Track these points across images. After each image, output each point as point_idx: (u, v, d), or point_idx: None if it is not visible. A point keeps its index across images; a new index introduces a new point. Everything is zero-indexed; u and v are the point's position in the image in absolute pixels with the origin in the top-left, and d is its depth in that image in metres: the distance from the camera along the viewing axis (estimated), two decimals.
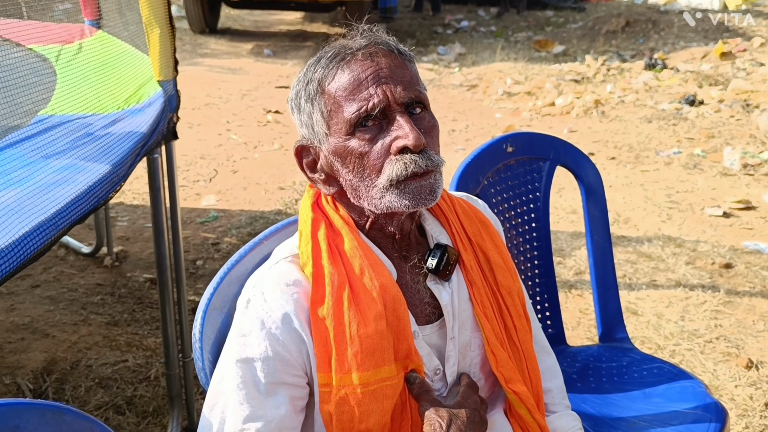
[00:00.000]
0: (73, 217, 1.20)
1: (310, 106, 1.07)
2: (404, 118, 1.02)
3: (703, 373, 2.64)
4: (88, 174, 1.31)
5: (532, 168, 1.77)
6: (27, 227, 1.09)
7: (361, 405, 1.01)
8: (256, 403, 1.00)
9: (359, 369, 1.00)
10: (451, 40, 9.60)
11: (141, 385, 2.50)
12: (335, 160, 1.06)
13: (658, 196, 4.39)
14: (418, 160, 1.01)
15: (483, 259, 1.18)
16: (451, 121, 6.16)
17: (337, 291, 1.02)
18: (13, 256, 1.04)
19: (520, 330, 1.18)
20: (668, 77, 7.12)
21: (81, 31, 3.02)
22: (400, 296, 1.06)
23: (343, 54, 1.05)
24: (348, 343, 1.00)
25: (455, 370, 1.14)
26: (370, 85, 1.02)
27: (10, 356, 2.62)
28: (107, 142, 1.47)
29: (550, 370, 1.33)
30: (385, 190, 1.03)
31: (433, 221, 1.18)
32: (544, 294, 1.84)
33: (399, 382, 1.04)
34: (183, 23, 9.75)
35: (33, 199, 1.18)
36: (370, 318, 1.02)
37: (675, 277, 3.36)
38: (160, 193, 1.91)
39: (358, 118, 1.02)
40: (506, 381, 1.14)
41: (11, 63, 2.15)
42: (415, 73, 1.08)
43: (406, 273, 1.12)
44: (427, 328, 1.12)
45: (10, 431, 0.78)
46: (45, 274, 3.32)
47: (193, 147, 5.15)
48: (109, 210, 3.58)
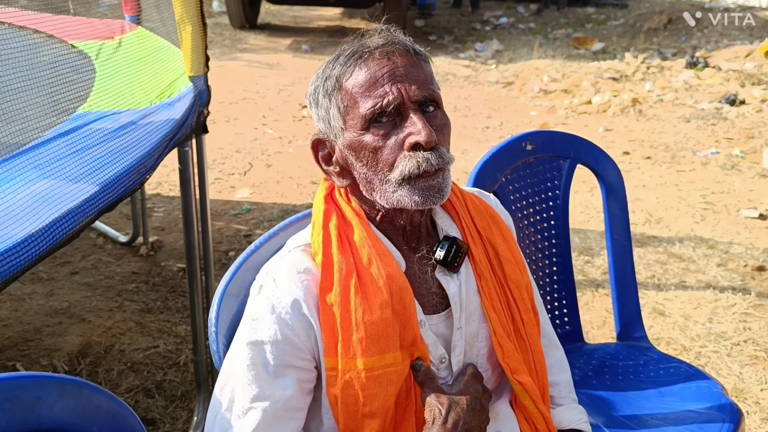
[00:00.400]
0: (100, 205, 1.26)
1: (327, 101, 1.11)
2: (417, 116, 1.06)
3: (728, 376, 2.62)
4: (117, 165, 1.38)
5: (552, 166, 1.79)
6: (57, 214, 1.15)
7: (365, 389, 1.05)
8: (265, 384, 1.05)
9: (364, 354, 1.04)
10: (489, 36, 9.56)
11: (170, 370, 2.58)
12: (350, 154, 1.11)
13: (693, 197, 4.34)
14: (430, 158, 1.05)
15: (492, 252, 1.21)
16: (485, 118, 6.15)
17: (345, 279, 1.07)
18: (43, 241, 1.11)
19: (527, 323, 1.21)
20: (709, 76, 7.00)
21: (121, 27, 3.11)
22: (407, 286, 1.09)
23: (361, 52, 1.09)
24: (354, 329, 1.05)
25: (461, 359, 1.17)
26: (385, 83, 1.06)
27: (48, 339, 2.73)
28: (136, 135, 1.54)
29: (558, 363, 1.35)
30: (397, 186, 1.07)
31: (443, 215, 1.22)
32: (561, 291, 1.86)
33: (404, 368, 1.08)
34: (224, 19, 9.91)
35: (64, 188, 1.25)
36: (375, 306, 1.06)
37: (705, 278, 3.33)
38: (191, 185, 1.98)
39: (373, 114, 1.06)
40: (512, 372, 1.17)
41: (54, 60, 2.24)
42: (430, 73, 1.12)
43: (415, 264, 1.16)
44: (434, 318, 1.15)
45: (33, 401, 0.84)
46: (84, 262, 3.44)
47: (230, 141, 5.25)
48: (146, 201, 3.69)
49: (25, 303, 3.00)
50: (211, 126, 6.35)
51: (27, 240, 1.09)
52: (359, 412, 1.06)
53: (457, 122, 5.96)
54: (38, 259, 1.12)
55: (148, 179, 1.52)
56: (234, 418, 1.06)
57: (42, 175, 1.31)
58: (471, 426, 1.05)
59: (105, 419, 0.90)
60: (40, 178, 1.31)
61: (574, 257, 3.53)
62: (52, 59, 2.29)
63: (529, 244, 1.77)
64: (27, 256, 1.09)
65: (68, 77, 2.01)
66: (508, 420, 1.20)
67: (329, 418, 1.10)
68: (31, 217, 1.15)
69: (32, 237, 1.10)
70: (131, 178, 1.39)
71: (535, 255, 1.78)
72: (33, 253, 1.10)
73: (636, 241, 3.73)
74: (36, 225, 1.12)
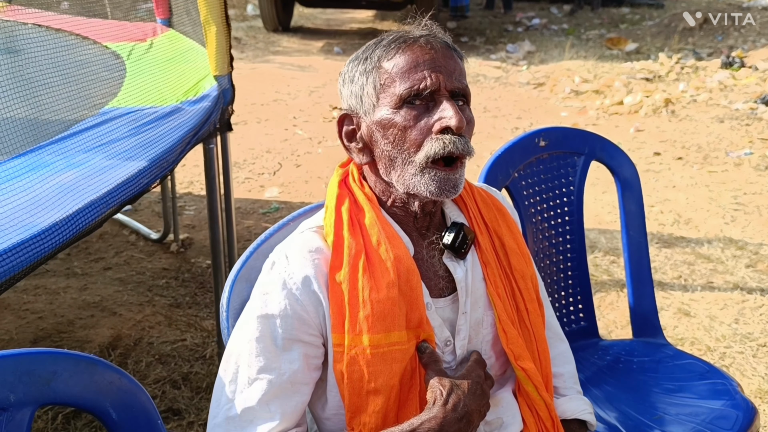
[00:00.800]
0: (122, 197, 1.32)
1: (364, 78, 1.16)
2: (450, 103, 1.11)
3: (753, 377, 2.59)
4: (140, 159, 1.44)
5: (566, 162, 1.80)
6: (80, 204, 1.22)
7: (370, 365, 1.09)
8: (272, 356, 1.09)
9: (370, 331, 1.09)
10: (521, 38, 9.52)
11: (197, 362, 2.65)
12: (377, 130, 1.15)
13: (724, 198, 4.28)
14: (456, 141, 1.10)
15: (498, 243, 1.25)
16: (515, 119, 6.14)
17: (354, 259, 1.11)
18: (67, 230, 1.17)
19: (531, 313, 1.24)
20: (745, 76, 6.87)
21: (153, 30, 3.21)
22: (414, 268, 1.13)
23: (405, 38, 1.15)
24: (360, 306, 1.09)
25: (465, 344, 1.20)
26: (425, 68, 1.12)
27: (80, 331, 2.83)
28: (160, 131, 1.60)
29: (562, 355, 1.37)
30: (419, 170, 1.11)
31: (452, 205, 1.26)
32: (576, 287, 1.87)
33: (409, 348, 1.11)
34: (257, 22, 10.04)
35: (88, 180, 1.32)
36: (382, 285, 1.10)
37: (733, 279, 3.29)
38: (215, 181, 2.03)
39: (409, 95, 1.11)
40: (515, 358, 1.20)
41: (87, 60, 2.33)
42: (464, 70, 1.17)
43: (423, 248, 1.20)
44: (440, 301, 1.19)
45: (49, 375, 0.89)
46: (117, 258, 3.54)
47: (260, 141, 5.34)
48: (177, 200, 3.78)
49: (60, 296, 3.10)
50: (242, 127, 6.48)
51: (51, 228, 1.15)
52: (364, 389, 1.10)
53: (486, 123, 5.96)
54: (61, 247, 1.18)
55: (170, 173, 1.58)
56: (240, 388, 1.10)
57: (68, 166, 1.38)
58: (471, 409, 1.08)
59: (117, 395, 0.95)
60: (66, 168, 1.37)
61: (600, 257, 3.52)
62: (85, 59, 2.38)
63: (542, 239, 1.78)
64: (51, 243, 1.15)
65: (100, 75, 2.10)
66: (510, 407, 1.22)
67: (334, 395, 1.14)
68: (56, 206, 1.21)
69: (56, 225, 1.16)
70: (153, 172, 1.45)
71: (549, 250, 1.80)
72: (56, 241, 1.16)
73: (664, 241, 3.70)
74: (60, 214, 1.18)
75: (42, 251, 1.13)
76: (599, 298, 3.16)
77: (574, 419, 1.32)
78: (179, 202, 4.08)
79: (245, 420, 1.09)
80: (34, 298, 3.08)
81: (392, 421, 1.11)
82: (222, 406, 1.11)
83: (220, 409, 1.11)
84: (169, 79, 2.16)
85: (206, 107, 1.80)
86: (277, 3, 9.24)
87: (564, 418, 1.31)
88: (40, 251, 1.13)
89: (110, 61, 2.62)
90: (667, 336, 2.84)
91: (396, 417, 1.11)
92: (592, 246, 3.64)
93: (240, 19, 10.90)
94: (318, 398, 1.18)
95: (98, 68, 2.18)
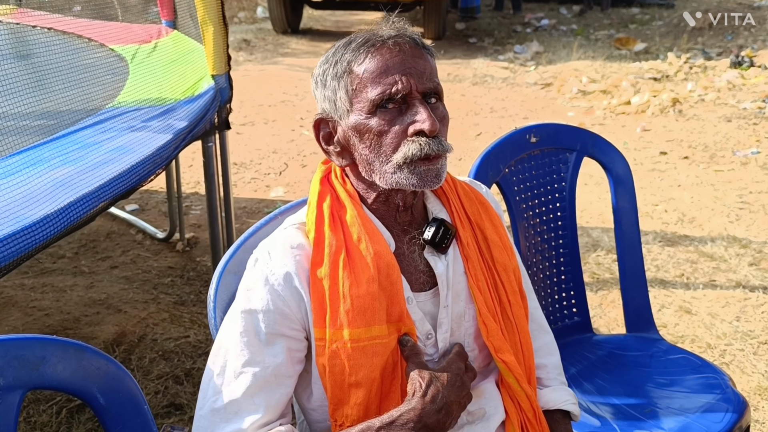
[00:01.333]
0: (115, 192, 1.36)
1: (336, 83, 1.17)
2: (423, 106, 1.12)
3: (753, 374, 2.59)
4: (133, 155, 1.48)
5: (558, 159, 1.82)
6: (72, 198, 1.25)
7: (351, 359, 1.11)
8: (256, 351, 1.12)
9: (350, 325, 1.11)
10: (530, 38, 9.51)
11: (200, 358, 2.69)
12: (353, 135, 1.16)
13: (729, 197, 4.27)
14: (431, 143, 1.12)
15: (480, 236, 1.26)
16: (521, 119, 6.15)
17: (334, 255, 1.13)
18: (58, 222, 1.20)
19: (514, 305, 1.25)
20: (754, 75, 6.85)
21: (158, 31, 3.25)
22: (394, 263, 1.15)
23: (374, 41, 1.15)
24: (341, 301, 1.11)
25: (447, 337, 1.22)
26: (396, 72, 1.12)
27: (85, 328, 2.87)
28: (156, 129, 1.64)
29: (546, 347, 1.39)
30: (398, 168, 1.13)
31: (435, 200, 1.28)
32: (570, 282, 1.89)
33: (390, 341, 1.13)
34: (267, 24, 10.11)
35: (80, 175, 1.35)
36: (362, 280, 1.12)
37: (736, 277, 3.29)
38: (214, 179, 2.07)
39: (381, 100, 1.12)
40: (496, 350, 1.21)
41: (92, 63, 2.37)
42: (434, 67, 1.18)
43: (405, 244, 1.21)
44: (421, 295, 1.20)
45: (38, 361, 0.92)
46: (123, 257, 3.59)
47: (267, 142, 5.38)
48: (183, 199, 3.83)
49: (66, 294, 3.15)
50: (249, 127, 6.52)
51: (43, 221, 1.19)
52: (345, 382, 1.12)
53: (493, 123, 5.97)
54: (53, 239, 1.22)
55: (165, 169, 1.61)
56: (226, 381, 1.12)
57: (63, 163, 1.42)
58: (450, 400, 1.10)
59: (104, 380, 0.98)
60: (61, 165, 1.41)
61: (603, 255, 3.52)
62: (89, 62, 2.43)
63: (534, 235, 1.80)
64: (42, 235, 1.18)
65: (103, 78, 2.14)
66: (492, 398, 1.24)
67: (318, 387, 1.16)
68: (48, 199, 1.24)
69: (48, 218, 1.20)
70: (146, 167, 1.49)
71: (541, 246, 1.82)
72: (48, 233, 1.19)
73: (667, 239, 3.70)
74: (52, 207, 1.22)
75: (33, 243, 1.17)
76: (601, 296, 3.17)
77: (558, 410, 1.33)
78: (186, 201, 4.13)
79: (230, 412, 1.11)
80: (41, 296, 3.13)
81: (374, 412, 1.13)
82: (208, 398, 1.13)
83: (206, 401, 1.14)
84: (170, 79, 2.19)
85: (201, 105, 1.83)
86: (286, 5, 9.30)
87: (547, 408, 1.32)
88: (32, 243, 1.16)
89: (114, 63, 2.67)
90: (668, 333, 2.85)
91: (378, 409, 1.13)
92: (594, 244, 3.65)
93: (250, 21, 10.97)
94: (303, 390, 1.20)
95: (102, 71, 2.22)
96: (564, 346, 1.88)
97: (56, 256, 3.57)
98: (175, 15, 3.31)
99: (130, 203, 4.22)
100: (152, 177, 1.52)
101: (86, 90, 1.92)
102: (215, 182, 2.07)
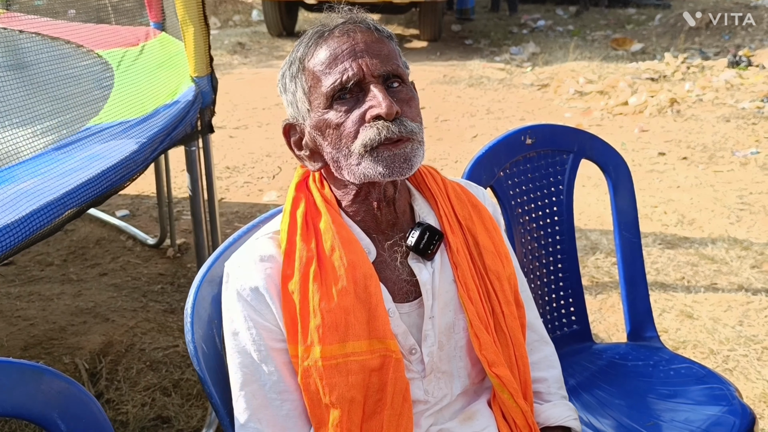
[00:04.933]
0: (83, 199, 1.28)
1: (293, 84, 1.11)
2: (378, 88, 1.04)
3: (757, 381, 2.52)
4: (104, 161, 1.41)
5: (554, 161, 1.75)
6: (35, 206, 1.18)
7: (323, 378, 1.04)
8: (249, 370, 1.07)
9: (321, 342, 1.03)
10: (526, 39, 9.46)
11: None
12: (317, 135, 1.10)
13: (729, 198, 4.20)
14: (390, 126, 1.03)
15: (472, 242, 1.18)
16: (518, 120, 6.08)
17: (305, 267, 1.06)
18: (19, 231, 1.13)
19: (508, 316, 1.17)
20: (752, 75, 6.79)
21: (146, 34, 3.18)
22: (372, 273, 1.08)
23: (321, 31, 1.09)
24: (311, 316, 1.04)
25: (435, 350, 1.13)
26: (345, 59, 1.05)
27: (71, 338, 2.79)
28: (130, 135, 1.57)
29: (547, 359, 1.32)
30: (360, 157, 1.05)
31: (423, 203, 1.20)
32: (568, 289, 1.82)
33: (371, 359, 1.05)
34: (262, 27, 10.05)
35: (46, 182, 1.28)
36: (334, 293, 1.05)
37: (738, 280, 3.22)
38: (198, 184, 2.00)
39: (334, 91, 1.05)
40: (489, 364, 1.14)
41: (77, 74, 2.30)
42: (394, 50, 1.10)
43: (386, 251, 1.13)
44: (404, 306, 1.13)
45: None
46: (113, 264, 3.52)
47: (261, 145, 5.31)
48: (173, 205, 3.75)
49: (53, 303, 3.07)
50: (243, 131, 6.45)
51: (2, 231, 1.11)
52: (321, 402, 1.05)
53: (489, 125, 5.91)
54: (16, 249, 1.15)
55: (140, 174, 1.54)
56: (236, 407, 1.09)
57: (30, 175, 1.34)
58: None
59: (66, 405, 0.91)
60: (28, 176, 1.33)
61: (602, 259, 3.45)
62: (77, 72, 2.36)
63: (531, 240, 1.73)
64: (2, 245, 1.11)
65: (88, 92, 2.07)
66: (484, 418, 1.17)
67: None
68: (9, 209, 1.17)
69: (8, 227, 1.12)
70: (119, 172, 1.41)
71: (538, 252, 1.75)
72: (9, 243, 1.12)
73: (667, 242, 3.64)
74: (12, 216, 1.15)
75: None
76: (600, 300, 3.10)
77: (558, 426, 1.26)
78: (177, 207, 4.05)
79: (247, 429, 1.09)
80: (27, 305, 3.05)
81: None
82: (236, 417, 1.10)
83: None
84: (155, 86, 2.12)
85: (180, 108, 1.76)
86: (281, 8, 9.24)
87: (548, 425, 1.25)
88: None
89: (100, 73, 2.59)
90: (669, 339, 2.78)
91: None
92: (593, 247, 3.58)
93: (245, 24, 10.91)
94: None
95: (87, 82, 2.15)
96: (563, 355, 1.81)
97: (44, 263, 3.50)
98: (163, 16, 3.24)
99: (121, 209, 4.15)
100: (127, 182, 1.45)
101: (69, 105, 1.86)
102: (199, 187, 2.01)
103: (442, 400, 1.16)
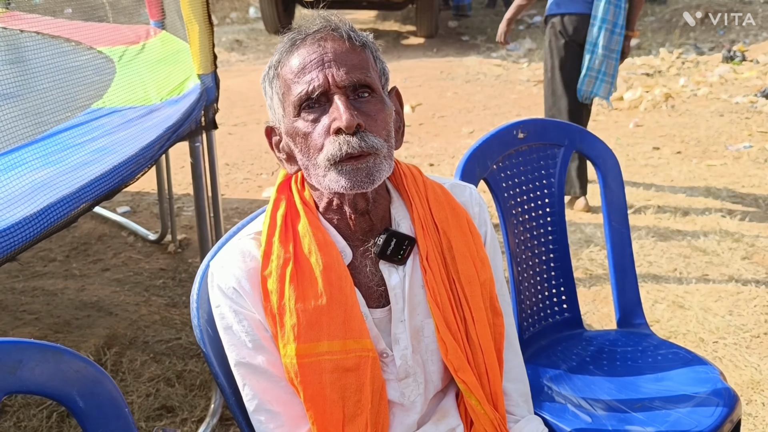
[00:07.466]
0: (97, 193, 1.34)
1: (270, 90, 1.13)
2: (341, 100, 1.04)
3: (745, 368, 2.59)
4: (116, 156, 1.46)
5: (546, 154, 1.81)
6: (52, 199, 1.24)
7: (298, 375, 1.08)
8: (247, 360, 1.11)
9: (297, 340, 1.07)
10: (522, 35, 9.52)
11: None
12: (289, 141, 1.12)
13: (722, 191, 4.27)
14: (351, 141, 1.03)
15: (446, 246, 1.17)
16: (515, 116, 6.14)
17: (282, 267, 1.09)
18: (37, 224, 1.19)
19: (478, 322, 1.16)
20: (746, 70, 6.85)
21: (147, 32, 3.23)
22: (346, 274, 1.10)
23: (295, 39, 1.10)
24: (287, 315, 1.08)
25: (408, 354, 1.15)
26: (313, 69, 1.05)
27: (76, 331, 2.85)
28: (139, 129, 1.62)
29: (512, 371, 1.28)
30: (326, 170, 1.06)
31: (400, 205, 1.20)
32: (559, 278, 1.88)
33: (343, 358, 1.08)
34: (259, 24, 10.09)
35: (62, 176, 1.34)
36: (309, 294, 1.08)
37: (728, 271, 3.28)
38: (202, 179, 2.06)
39: (301, 101, 1.07)
40: (455, 370, 1.15)
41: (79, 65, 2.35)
42: (366, 59, 1.09)
43: (359, 256, 1.15)
44: (377, 312, 1.15)
45: (15, 364, 0.91)
46: (115, 259, 3.58)
47: (259, 142, 5.36)
48: (175, 201, 3.81)
49: (57, 297, 3.13)
50: (242, 128, 6.50)
51: (21, 223, 1.17)
52: (300, 397, 1.10)
53: (485, 121, 5.97)
54: (32, 241, 1.20)
55: (148, 170, 1.60)
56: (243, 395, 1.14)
57: (44, 164, 1.41)
58: None
59: (83, 383, 0.97)
60: (42, 166, 1.40)
61: (596, 251, 3.52)
62: (77, 64, 2.41)
63: (523, 231, 1.79)
64: (21, 238, 1.17)
65: (88, 78, 2.12)
66: (455, 417, 1.20)
67: None
68: (27, 201, 1.23)
69: (26, 220, 1.18)
70: (129, 168, 1.47)
71: (530, 242, 1.81)
72: (27, 235, 1.18)
73: (660, 235, 3.70)
74: (31, 209, 1.20)
75: (12, 245, 1.15)
76: (594, 291, 3.17)
77: None
78: (177, 203, 4.11)
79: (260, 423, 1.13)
80: (32, 300, 3.11)
81: None
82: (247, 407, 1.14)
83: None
84: (156, 79, 2.18)
85: (187, 105, 1.82)
86: (278, 5, 9.29)
87: None
88: (10, 245, 1.15)
89: (101, 65, 2.65)
90: (661, 328, 2.84)
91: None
92: (587, 240, 3.64)
93: (242, 21, 10.96)
94: None
95: (88, 71, 2.21)
96: (554, 342, 1.88)
97: (47, 259, 3.55)
98: (163, 15, 3.29)
99: (122, 205, 4.21)
100: (136, 177, 1.51)
101: (71, 90, 1.91)
102: (203, 183, 2.06)
103: (415, 402, 1.18)
